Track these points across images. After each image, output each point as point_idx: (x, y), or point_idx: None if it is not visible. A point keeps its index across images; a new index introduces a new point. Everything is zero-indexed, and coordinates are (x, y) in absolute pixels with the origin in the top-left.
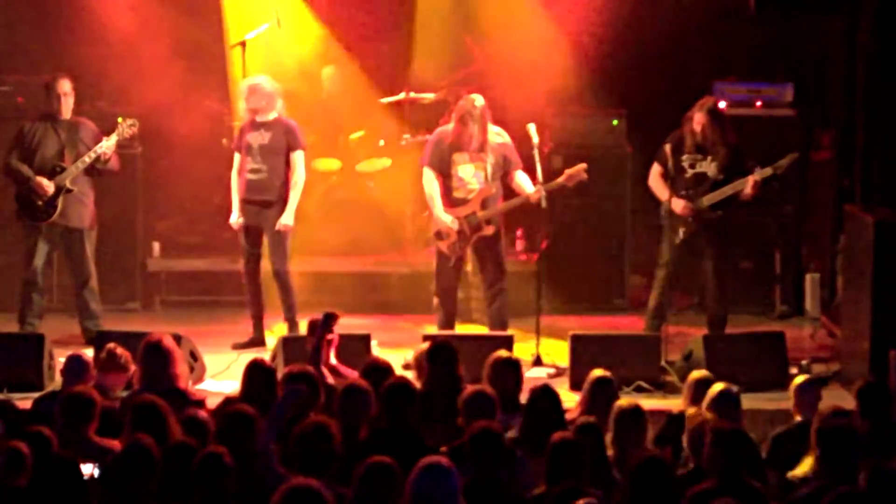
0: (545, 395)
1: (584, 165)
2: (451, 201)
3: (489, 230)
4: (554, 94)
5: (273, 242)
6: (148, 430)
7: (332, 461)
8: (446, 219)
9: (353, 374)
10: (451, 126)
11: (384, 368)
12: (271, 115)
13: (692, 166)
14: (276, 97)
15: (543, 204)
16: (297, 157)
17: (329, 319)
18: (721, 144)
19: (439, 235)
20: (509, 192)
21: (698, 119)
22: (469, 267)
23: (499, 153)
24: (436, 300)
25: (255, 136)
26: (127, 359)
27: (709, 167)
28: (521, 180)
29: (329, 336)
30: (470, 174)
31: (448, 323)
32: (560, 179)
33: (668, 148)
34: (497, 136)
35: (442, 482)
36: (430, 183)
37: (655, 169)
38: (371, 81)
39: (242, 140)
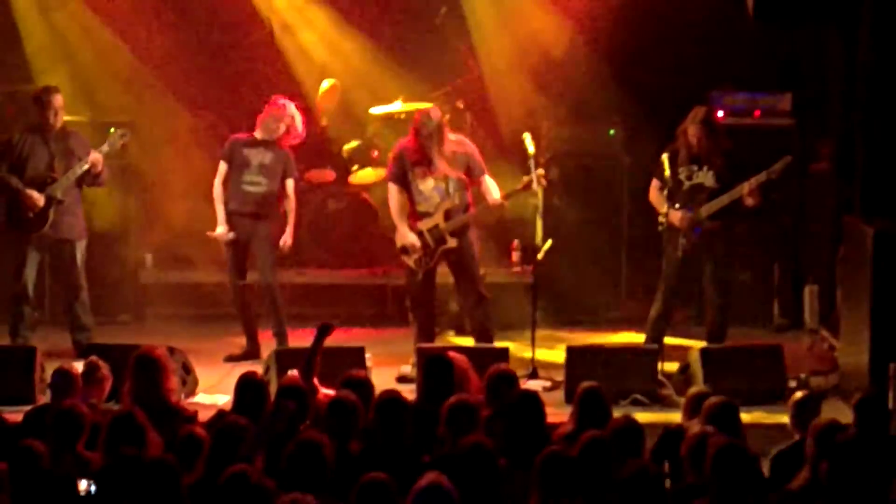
0: (529, 401)
1: (541, 171)
2: (416, 215)
3: (453, 242)
4: (550, 104)
5: (262, 255)
6: (125, 444)
7: (324, 477)
8: (410, 235)
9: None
10: (409, 140)
11: (362, 383)
12: (275, 136)
13: (689, 178)
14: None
15: (539, 205)
16: (290, 185)
17: (326, 330)
18: (716, 154)
19: (405, 251)
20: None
21: (692, 131)
22: None
23: (460, 163)
24: (410, 315)
25: (255, 154)
26: (106, 369)
27: (705, 177)
28: (488, 186)
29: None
30: (430, 188)
31: (426, 336)
32: (518, 187)
33: (665, 161)
34: (457, 144)
35: (441, 502)
36: (394, 199)
37: (654, 184)
38: (365, 91)
39: (236, 153)
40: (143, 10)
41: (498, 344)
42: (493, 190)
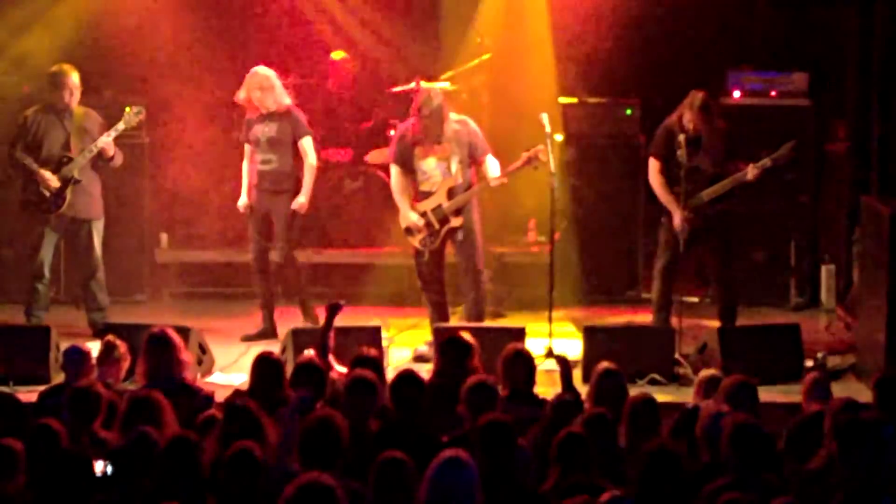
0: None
1: (541, 147)
2: (419, 195)
3: (457, 221)
4: (567, 84)
5: (282, 227)
6: (142, 424)
7: (338, 455)
8: (412, 215)
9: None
10: (412, 121)
11: (373, 361)
12: (274, 106)
13: (686, 160)
14: (277, 87)
15: (556, 186)
16: (307, 144)
17: (335, 309)
18: (716, 137)
19: (409, 231)
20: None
21: (689, 117)
22: None
23: (463, 142)
24: (423, 296)
25: (263, 129)
26: (124, 349)
27: (702, 160)
28: (489, 165)
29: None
30: (433, 166)
31: (440, 315)
32: (518, 163)
33: (681, 139)
34: (460, 124)
35: (461, 476)
36: (396, 180)
37: (654, 165)
38: (381, 70)
39: (251, 132)
40: None
41: (515, 323)
42: (493, 168)
